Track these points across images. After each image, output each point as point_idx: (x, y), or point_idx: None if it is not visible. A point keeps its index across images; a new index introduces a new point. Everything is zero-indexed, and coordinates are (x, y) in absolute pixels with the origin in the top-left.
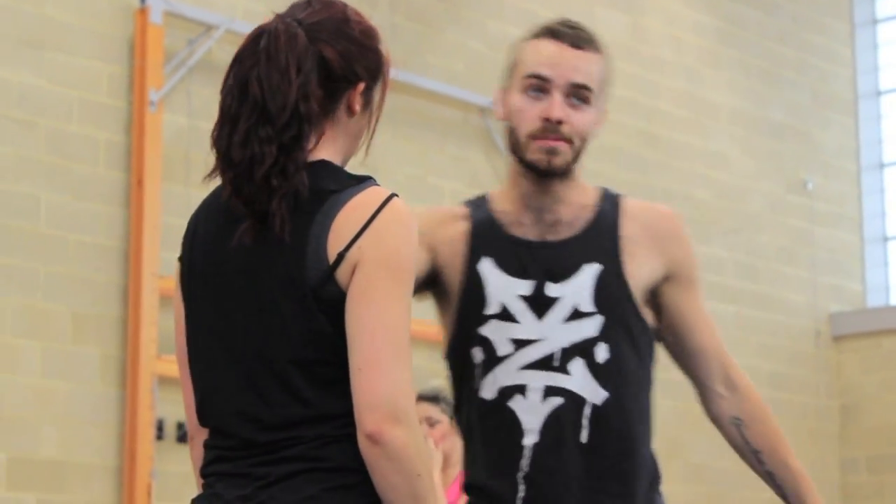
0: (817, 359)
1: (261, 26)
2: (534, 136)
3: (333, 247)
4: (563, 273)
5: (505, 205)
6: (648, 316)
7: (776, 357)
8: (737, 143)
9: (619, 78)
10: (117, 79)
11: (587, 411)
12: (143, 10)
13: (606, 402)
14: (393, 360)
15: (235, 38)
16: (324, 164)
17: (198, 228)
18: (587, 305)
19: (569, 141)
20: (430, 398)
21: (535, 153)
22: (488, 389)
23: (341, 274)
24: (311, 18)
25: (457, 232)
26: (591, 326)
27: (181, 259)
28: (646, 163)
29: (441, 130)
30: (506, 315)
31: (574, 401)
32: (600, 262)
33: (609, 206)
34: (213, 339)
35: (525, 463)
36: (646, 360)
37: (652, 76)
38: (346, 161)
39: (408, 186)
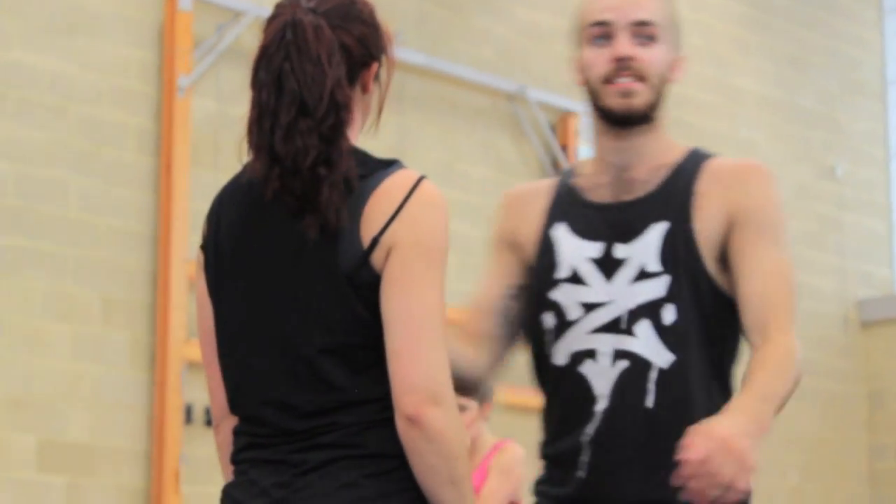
0: (845, 345)
1: (277, 19)
2: (607, 80)
3: (367, 232)
4: (631, 234)
5: (587, 169)
6: (722, 278)
7: (804, 343)
8: (765, 129)
9: None
10: (147, 65)
11: (653, 375)
12: None
13: (672, 366)
14: (429, 343)
15: (264, 24)
16: (352, 151)
17: (221, 216)
18: (654, 265)
19: (643, 79)
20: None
21: (610, 97)
22: (560, 355)
23: (376, 259)
24: (322, 6)
25: (537, 207)
26: (657, 287)
27: (204, 247)
28: None
29: (469, 117)
30: (576, 278)
31: (640, 364)
32: (669, 221)
33: (691, 164)
34: (243, 328)
35: (591, 427)
36: (717, 324)
37: None
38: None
39: (436, 172)
